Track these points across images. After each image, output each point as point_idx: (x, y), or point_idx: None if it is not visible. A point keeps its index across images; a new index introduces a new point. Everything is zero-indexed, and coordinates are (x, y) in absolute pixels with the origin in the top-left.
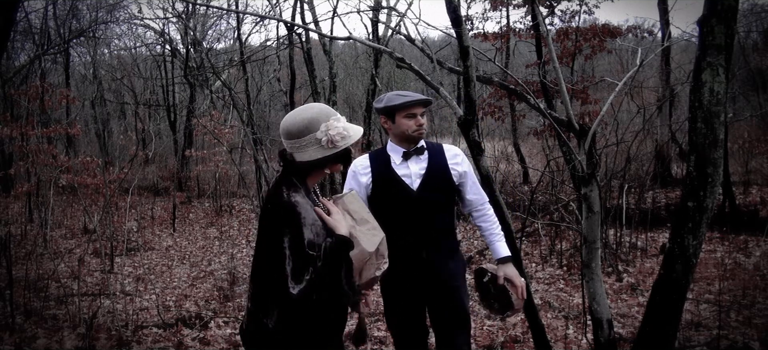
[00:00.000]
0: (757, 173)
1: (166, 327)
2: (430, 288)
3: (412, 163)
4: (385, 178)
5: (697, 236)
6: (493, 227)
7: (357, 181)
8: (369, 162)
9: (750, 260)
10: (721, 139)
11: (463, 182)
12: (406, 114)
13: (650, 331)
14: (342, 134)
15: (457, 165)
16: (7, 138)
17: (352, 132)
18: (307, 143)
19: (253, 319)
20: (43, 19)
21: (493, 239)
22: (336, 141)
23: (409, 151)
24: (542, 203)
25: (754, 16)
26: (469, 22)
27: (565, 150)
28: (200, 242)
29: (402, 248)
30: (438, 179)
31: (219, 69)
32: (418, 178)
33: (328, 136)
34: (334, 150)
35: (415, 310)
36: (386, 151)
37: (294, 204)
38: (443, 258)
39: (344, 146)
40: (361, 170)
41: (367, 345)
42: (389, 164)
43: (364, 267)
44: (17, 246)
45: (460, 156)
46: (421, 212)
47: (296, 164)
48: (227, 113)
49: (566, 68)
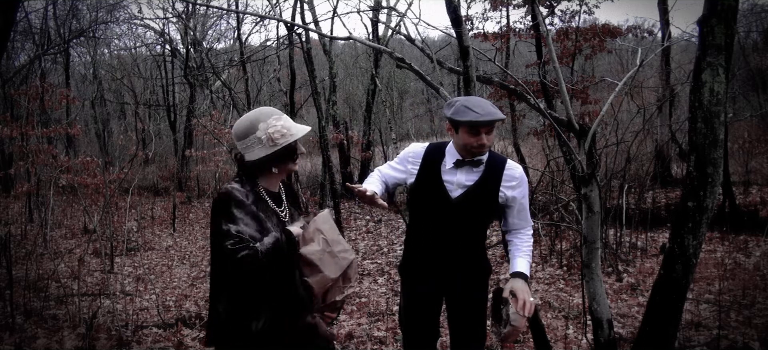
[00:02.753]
0: (757, 173)
1: (166, 327)
2: (451, 298)
3: (462, 172)
4: (429, 178)
5: (697, 236)
6: (523, 245)
7: (404, 164)
8: (423, 154)
9: (750, 260)
10: (721, 139)
11: (510, 206)
12: (471, 130)
13: (650, 331)
14: (281, 132)
15: (509, 189)
16: (7, 138)
17: (294, 130)
18: (252, 143)
19: (210, 308)
20: (43, 19)
21: (516, 255)
22: (276, 139)
23: (464, 160)
24: (542, 203)
25: (754, 16)
26: (469, 22)
27: (565, 150)
28: (200, 242)
29: (429, 253)
30: (482, 196)
31: (219, 69)
32: (461, 189)
33: (267, 134)
34: (275, 147)
35: (430, 315)
36: (444, 150)
37: (228, 191)
38: (469, 271)
39: (284, 144)
40: (413, 158)
41: (367, 345)
42: (439, 165)
43: (328, 291)
44: (17, 246)
45: (517, 180)
46: (454, 223)
47: (244, 164)
48: (227, 113)
49: (566, 68)
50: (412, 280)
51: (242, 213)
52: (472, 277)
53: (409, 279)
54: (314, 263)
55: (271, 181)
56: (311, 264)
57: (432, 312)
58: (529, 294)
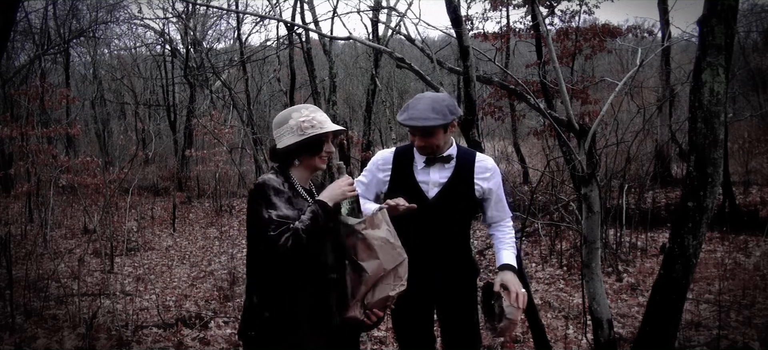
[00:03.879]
0: (757, 173)
1: (166, 327)
2: (440, 301)
3: (435, 170)
4: (403, 181)
5: (697, 236)
6: (505, 237)
7: (374, 175)
8: (392, 159)
9: (750, 260)
10: (721, 139)
11: (487, 198)
12: (410, 130)
13: (650, 331)
14: (312, 123)
15: (483, 181)
16: (7, 138)
17: (324, 124)
18: (284, 132)
19: (246, 298)
20: (43, 19)
21: (501, 248)
22: (304, 128)
23: (433, 157)
24: (542, 203)
25: (754, 16)
26: (469, 22)
27: (565, 150)
28: (200, 242)
29: (412, 256)
30: (458, 192)
31: (219, 69)
32: (436, 187)
33: (297, 123)
34: (303, 136)
35: (423, 320)
36: (413, 151)
37: (264, 180)
38: (455, 271)
39: (312, 134)
40: (382, 165)
41: (367, 345)
42: (411, 167)
43: (379, 282)
44: (17, 246)
45: (490, 171)
46: (435, 223)
47: (275, 152)
48: (227, 113)
49: (566, 68)
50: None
51: (280, 200)
52: (459, 278)
53: None
54: (374, 248)
55: (301, 175)
56: (371, 248)
57: (424, 318)
58: (520, 285)
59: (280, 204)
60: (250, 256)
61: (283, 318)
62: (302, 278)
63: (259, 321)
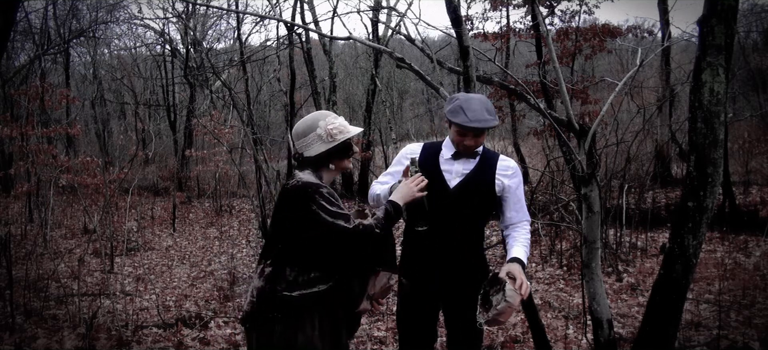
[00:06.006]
0: (757, 173)
1: (166, 327)
2: (448, 297)
3: (460, 162)
4: (428, 168)
5: (697, 236)
6: (520, 237)
7: (402, 165)
8: (420, 150)
9: (750, 260)
10: (721, 139)
11: (506, 196)
12: (459, 131)
13: (650, 331)
14: (340, 129)
15: (504, 177)
16: (7, 138)
17: (350, 129)
18: (312, 140)
19: (270, 281)
20: (43, 19)
21: (513, 244)
22: (334, 134)
23: (460, 151)
24: (542, 203)
25: (754, 16)
26: (469, 22)
27: (565, 150)
28: (200, 242)
29: (427, 249)
30: (479, 184)
31: (219, 69)
32: (458, 177)
33: (326, 131)
34: (334, 142)
35: (428, 315)
36: (441, 144)
37: (309, 182)
38: (466, 270)
39: (342, 139)
40: (409, 155)
41: (367, 344)
42: (437, 156)
43: (378, 274)
44: (17, 246)
45: (512, 170)
46: (453, 212)
47: (305, 159)
48: (227, 113)
49: (566, 68)
50: (409, 279)
51: (334, 199)
52: (470, 277)
53: (407, 277)
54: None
55: (328, 177)
56: None
57: (429, 313)
58: (526, 277)
59: (337, 203)
60: (289, 249)
61: (339, 296)
62: (357, 269)
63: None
